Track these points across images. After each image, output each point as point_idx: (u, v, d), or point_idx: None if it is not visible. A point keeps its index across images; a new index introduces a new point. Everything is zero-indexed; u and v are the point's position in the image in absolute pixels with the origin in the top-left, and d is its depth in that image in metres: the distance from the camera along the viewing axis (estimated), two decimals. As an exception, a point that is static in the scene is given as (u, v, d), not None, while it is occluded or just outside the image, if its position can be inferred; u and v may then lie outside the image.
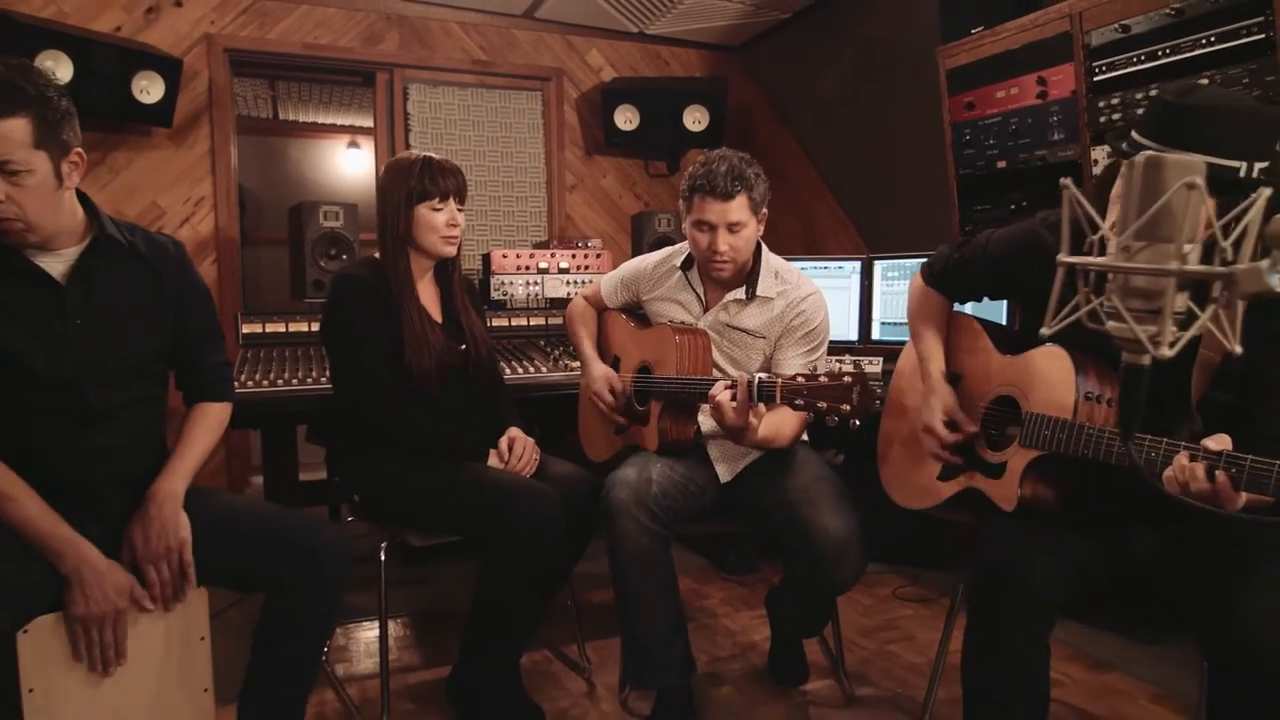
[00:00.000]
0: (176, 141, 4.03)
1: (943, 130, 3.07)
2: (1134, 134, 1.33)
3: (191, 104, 4.02)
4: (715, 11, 4.51)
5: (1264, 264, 0.66)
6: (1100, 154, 2.53)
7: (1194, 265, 0.68)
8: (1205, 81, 2.20)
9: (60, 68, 3.37)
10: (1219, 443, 1.19)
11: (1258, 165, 1.21)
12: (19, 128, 1.40)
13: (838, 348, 2.99)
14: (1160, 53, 2.32)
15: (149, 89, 3.67)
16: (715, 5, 4.42)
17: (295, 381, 2.56)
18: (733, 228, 1.96)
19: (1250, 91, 2.14)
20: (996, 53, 2.81)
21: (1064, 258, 0.75)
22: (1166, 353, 0.70)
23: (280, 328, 2.92)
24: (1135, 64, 2.39)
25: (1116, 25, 2.42)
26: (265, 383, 2.52)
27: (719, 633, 2.56)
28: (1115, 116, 2.46)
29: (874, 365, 2.73)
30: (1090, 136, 2.55)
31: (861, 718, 2.06)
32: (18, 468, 1.49)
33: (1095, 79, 2.50)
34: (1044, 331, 0.76)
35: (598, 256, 3.58)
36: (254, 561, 1.60)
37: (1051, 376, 1.44)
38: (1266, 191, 0.68)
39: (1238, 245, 0.68)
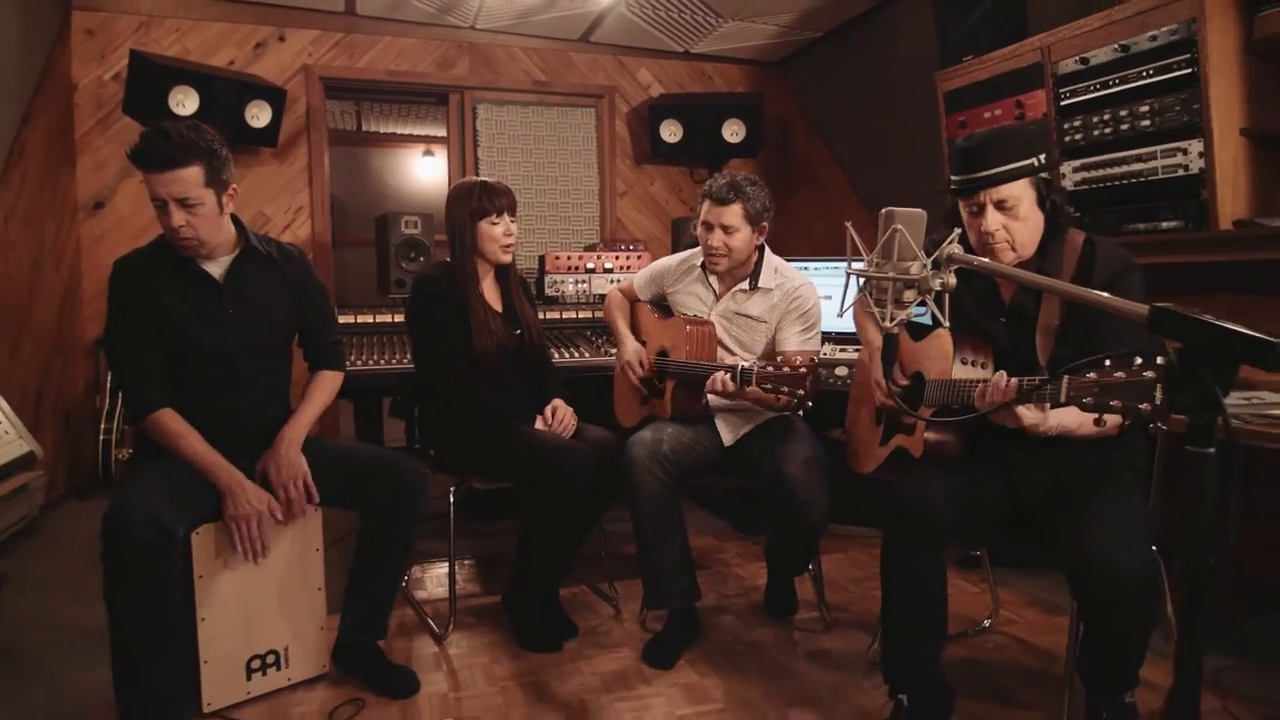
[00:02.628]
0: (279, 158, 4.68)
1: (941, 145, 3.45)
2: (952, 178, 1.81)
3: (292, 126, 4.65)
4: (752, 33, 4.94)
5: (930, 272, 1.09)
6: (1068, 168, 2.89)
7: (900, 275, 1.11)
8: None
9: (189, 101, 4.03)
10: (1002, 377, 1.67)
11: (1040, 157, 1.76)
12: (195, 173, 1.96)
13: (844, 338, 3.40)
14: (1112, 82, 2.68)
15: (259, 115, 4.30)
16: (751, 27, 4.85)
17: (382, 362, 3.12)
18: (726, 229, 2.43)
19: (1180, 117, 2.50)
20: (983, 78, 3.18)
21: (847, 269, 1.19)
22: (890, 326, 1.14)
23: (369, 318, 3.48)
24: (1093, 91, 2.75)
25: (1078, 58, 2.78)
26: (359, 363, 3.08)
27: (730, 578, 3.01)
28: (1078, 136, 2.82)
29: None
30: (1059, 153, 2.91)
31: (834, 638, 2.49)
32: (187, 418, 2.04)
33: (1062, 103, 2.87)
34: (837, 314, 1.20)
35: (639, 258, 4.04)
36: (356, 487, 2.14)
37: (939, 352, 1.88)
38: (958, 231, 1.11)
39: (937, 262, 1.11)
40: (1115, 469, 1.85)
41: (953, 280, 1.11)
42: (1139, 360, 1.25)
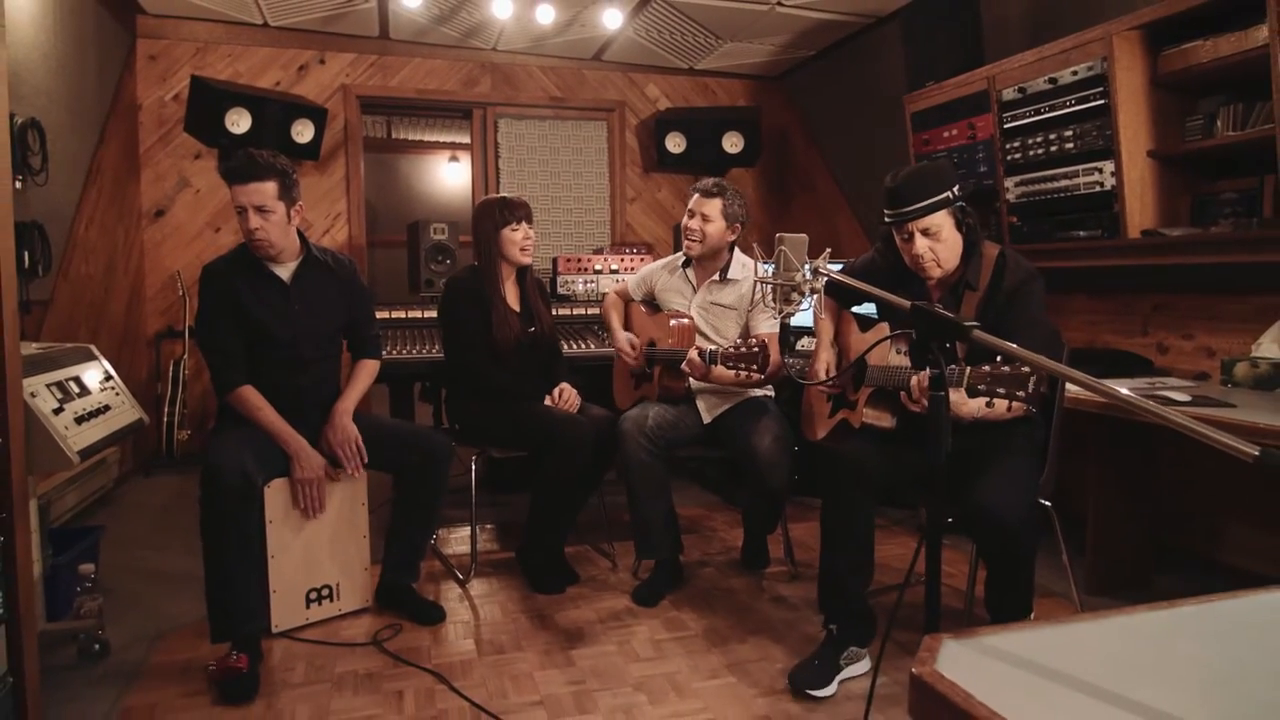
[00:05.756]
0: (320, 170, 5.18)
1: (910, 160, 3.86)
2: (885, 212, 2.20)
3: (331, 140, 5.15)
4: (751, 51, 5.36)
5: (800, 276, 1.52)
6: (1010, 183, 3.30)
7: (785, 281, 1.54)
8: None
9: (243, 120, 4.52)
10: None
11: (955, 189, 2.13)
12: (271, 186, 2.43)
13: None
14: (1043, 109, 3.09)
15: (303, 132, 4.79)
16: (750, 47, 5.28)
17: (414, 352, 3.59)
18: (705, 218, 2.89)
19: (1097, 141, 2.90)
20: (942, 102, 3.60)
21: (755, 276, 1.61)
22: (784, 318, 1.57)
23: (402, 314, 3.95)
24: (1029, 117, 3.16)
25: (1017, 87, 3.19)
26: (393, 353, 3.56)
27: (714, 540, 3.46)
28: (1018, 156, 3.23)
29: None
30: (1003, 170, 3.32)
31: (795, 587, 2.92)
32: (261, 392, 2.51)
33: (1005, 127, 3.28)
34: (747, 307, 1.63)
35: (641, 259, 4.48)
36: (394, 453, 2.61)
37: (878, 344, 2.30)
38: (829, 250, 1.53)
39: (813, 271, 1.54)
40: (1013, 440, 2.26)
41: (820, 283, 1.54)
42: None
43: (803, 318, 3.90)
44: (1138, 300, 3.25)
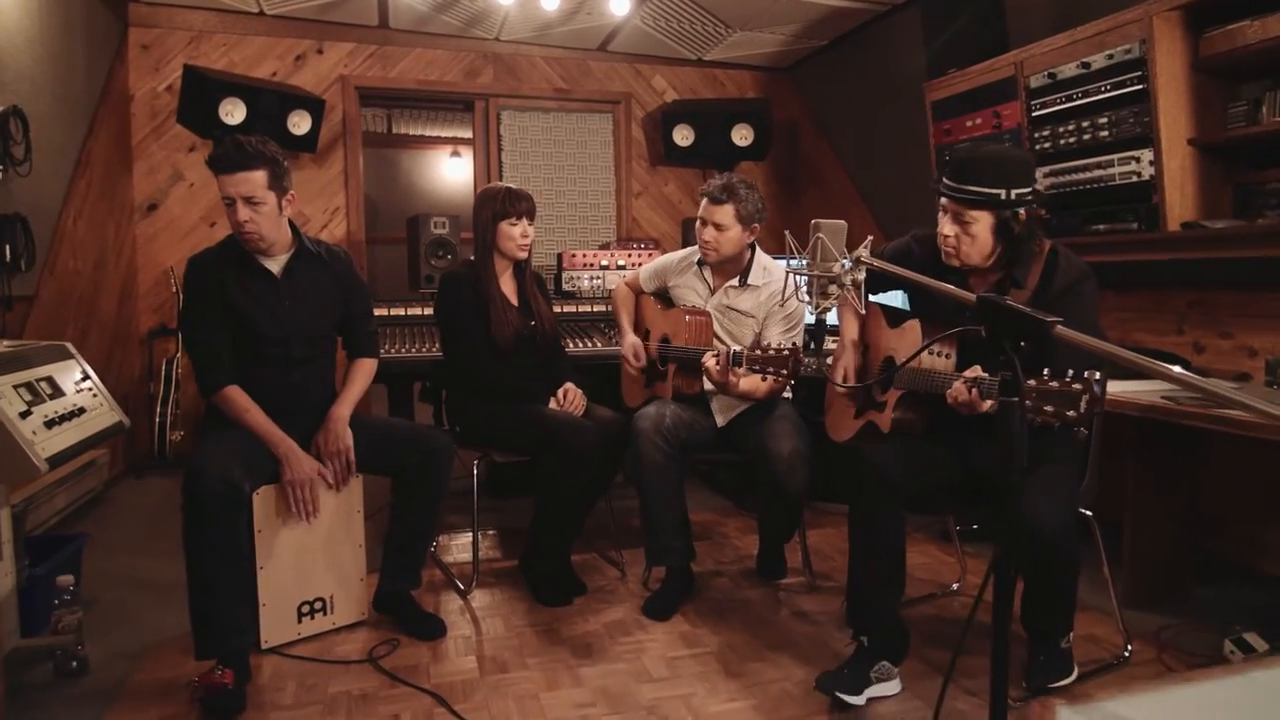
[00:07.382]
0: (318, 162, 5.03)
1: (929, 151, 3.71)
2: (944, 179, 2.03)
3: (329, 132, 4.99)
4: (760, 41, 5.21)
5: (839, 267, 1.37)
6: (1039, 174, 3.14)
7: (823, 272, 1.39)
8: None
9: (237, 111, 4.37)
10: (973, 371, 1.89)
11: (1015, 191, 1.93)
12: (260, 176, 2.28)
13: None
14: (1075, 95, 2.93)
15: (299, 124, 4.65)
16: (759, 36, 5.12)
17: (413, 350, 3.44)
18: (718, 226, 2.71)
19: (1134, 128, 2.75)
20: (965, 90, 3.44)
21: (786, 268, 1.47)
22: (820, 314, 1.42)
23: (401, 311, 3.81)
24: (1059, 104, 3.00)
25: (1046, 73, 3.04)
26: (393, 351, 3.41)
27: (727, 548, 3.31)
28: (1047, 145, 3.07)
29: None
30: (1032, 160, 3.16)
31: (814, 599, 2.77)
32: (249, 392, 2.36)
33: (1033, 114, 3.12)
34: (779, 302, 1.48)
35: (649, 255, 4.33)
36: (394, 455, 2.46)
37: (910, 341, 2.14)
38: (870, 239, 1.38)
39: (854, 261, 1.40)
40: (1052, 446, 2.10)
41: (861, 275, 1.40)
42: (1070, 373, 1.40)
43: (832, 315, 3.76)
44: (1172, 297, 3.09)
